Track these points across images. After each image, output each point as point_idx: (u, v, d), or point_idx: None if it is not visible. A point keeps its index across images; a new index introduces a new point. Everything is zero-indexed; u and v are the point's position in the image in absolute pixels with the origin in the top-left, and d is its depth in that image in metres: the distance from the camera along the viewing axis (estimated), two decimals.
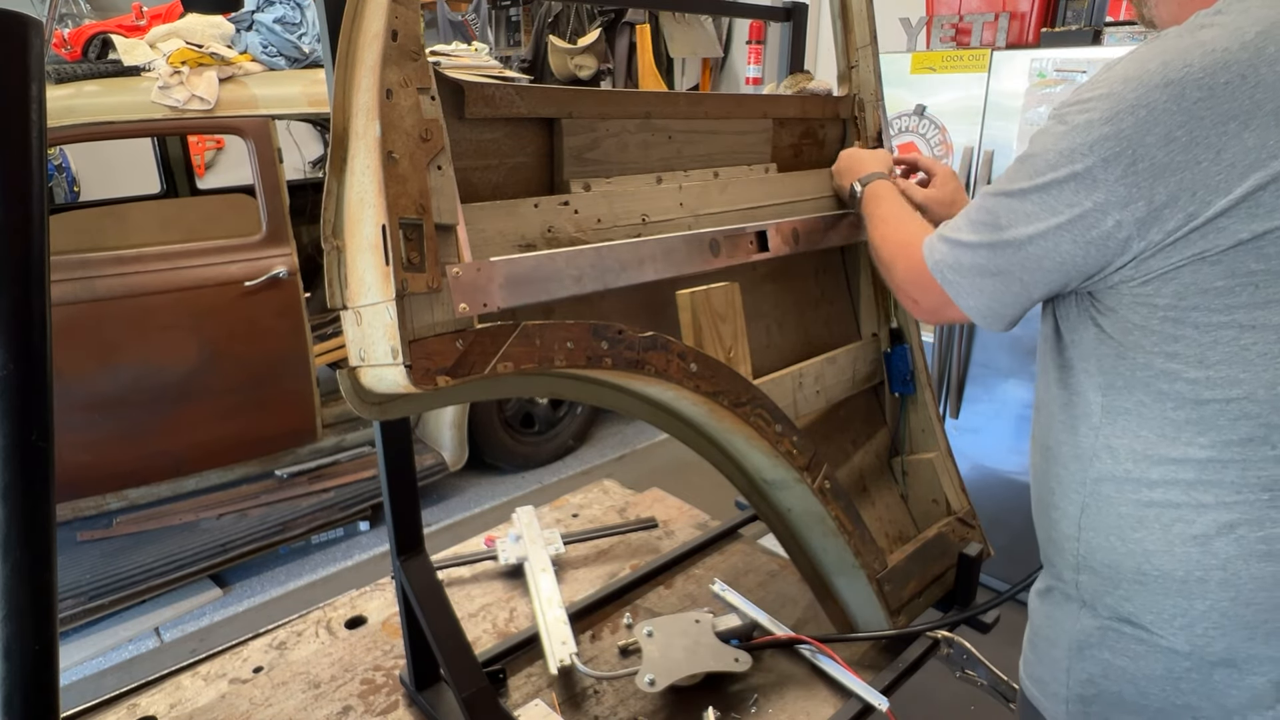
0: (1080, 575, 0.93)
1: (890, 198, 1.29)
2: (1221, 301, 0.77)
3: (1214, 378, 0.79)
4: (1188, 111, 0.73)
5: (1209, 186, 0.74)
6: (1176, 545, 0.83)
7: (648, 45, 5.39)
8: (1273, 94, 0.72)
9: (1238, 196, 0.73)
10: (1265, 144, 0.72)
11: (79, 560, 2.69)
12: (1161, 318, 0.80)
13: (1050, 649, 0.98)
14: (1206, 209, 0.74)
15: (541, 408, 3.87)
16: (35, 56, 0.73)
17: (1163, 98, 0.74)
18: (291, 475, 3.19)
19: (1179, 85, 0.73)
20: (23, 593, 0.74)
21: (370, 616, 1.60)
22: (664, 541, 1.85)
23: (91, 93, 2.55)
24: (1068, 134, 0.80)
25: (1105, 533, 0.89)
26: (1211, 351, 0.79)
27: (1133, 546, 0.86)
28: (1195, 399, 0.80)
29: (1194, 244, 0.76)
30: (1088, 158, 0.78)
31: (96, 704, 1.37)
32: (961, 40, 2.63)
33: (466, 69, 3.10)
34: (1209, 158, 0.73)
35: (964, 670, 1.40)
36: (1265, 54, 0.72)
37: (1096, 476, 0.89)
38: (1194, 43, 0.75)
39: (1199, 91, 0.73)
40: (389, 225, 0.83)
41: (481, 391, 1.03)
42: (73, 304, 2.51)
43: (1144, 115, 0.75)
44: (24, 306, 0.74)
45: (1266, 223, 0.73)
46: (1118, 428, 0.86)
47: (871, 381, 1.67)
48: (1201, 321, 0.78)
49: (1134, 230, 0.78)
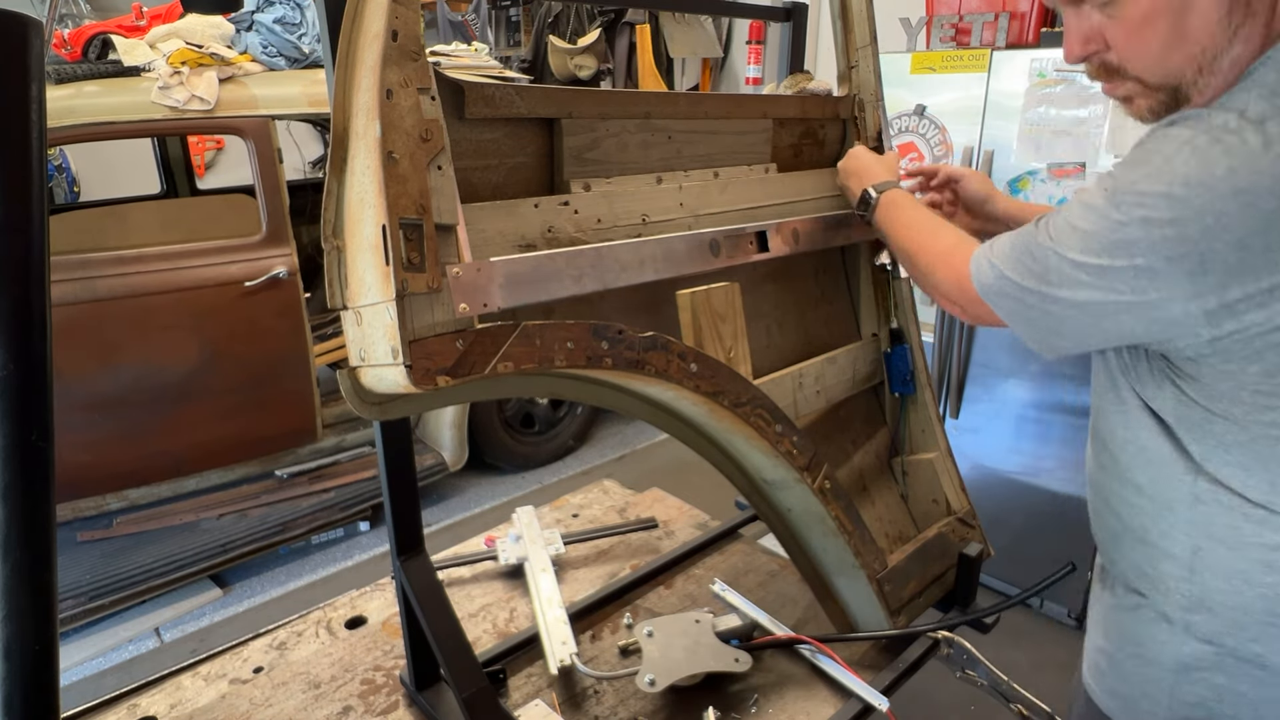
0: (1193, 615, 0.89)
1: (911, 205, 1.27)
2: None
3: None
4: (1264, 220, 0.70)
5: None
6: None
7: (648, 45, 5.39)
8: None
9: None
10: None
11: (79, 560, 2.69)
12: (1252, 390, 0.78)
13: (1143, 667, 0.94)
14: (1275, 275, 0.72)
15: (541, 408, 3.87)
16: (35, 56, 0.73)
17: (1234, 207, 0.71)
18: (291, 475, 3.19)
19: (1250, 194, 0.70)
20: (23, 593, 0.74)
21: (370, 616, 1.60)
22: (664, 541, 1.85)
23: (91, 93, 2.55)
24: (1124, 226, 0.76)
25: (1227, 576, 0.85)
26: None
27: (1264, 590, 0.83)
28: None
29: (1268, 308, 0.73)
30: (1150, 256, 0.75)
31: (96, 704, 1.37)
32: (961, 40, 2.63)
33: (466, 69, 3.10)
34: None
35: (964, 670, 1.40)
36: None
37: (1207, 520, 0.86)
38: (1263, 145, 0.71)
39: (1274, 201, 0.70)
40: (389, 225, 0.83)
41: (481, 391, 1.03)
42: (73, 304, 2.51)
43: (1212, 223, 0.72)
44: (24, 306, 0.74)
45: None
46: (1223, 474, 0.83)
47: (871, 381, 1.67)
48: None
49: (1203, 320, 0.75)
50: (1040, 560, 2.33)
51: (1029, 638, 2.55)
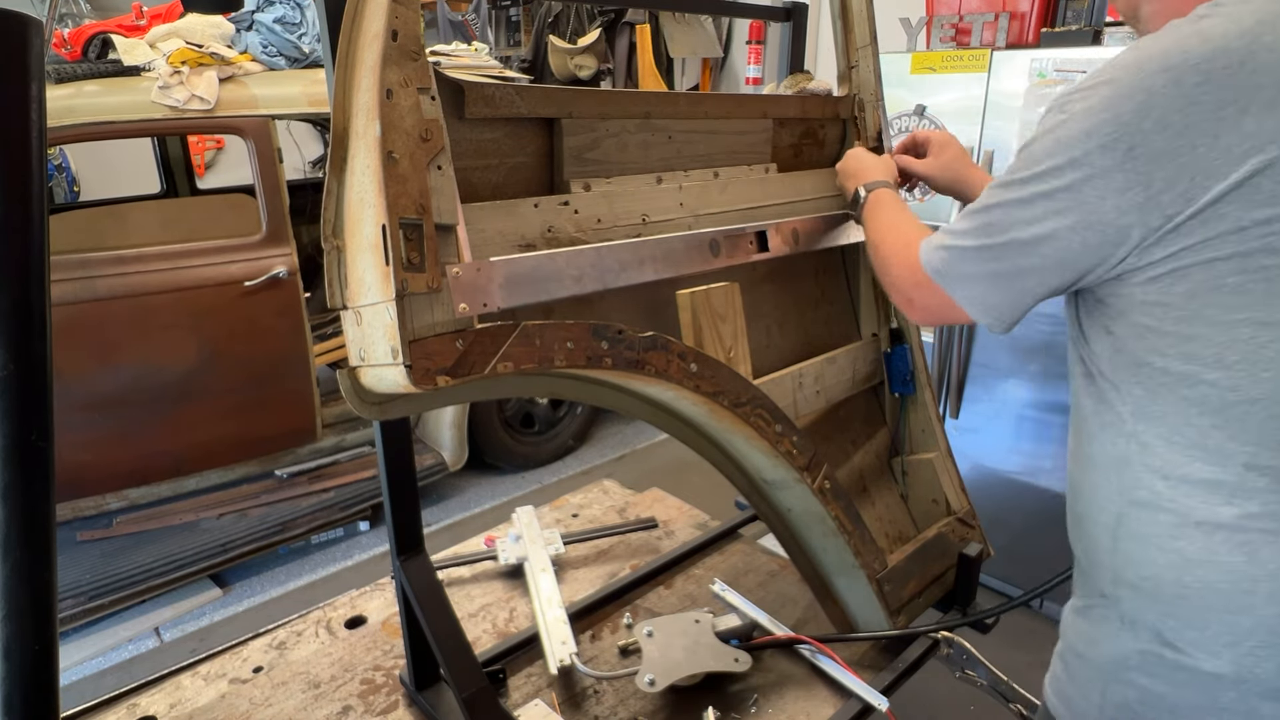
0: (1119, 590, 0.89)
1: (892, 204, 1.28)
2: (1235, 299, 0.75)
3: (1235, 379, 0.77)
4: (1185, 96, 0.73)
5: (1206, 171, 0.73)
6: (1220, 553, 0.79)
7: (648, 45, 5.39)
8: (1270, 79, 0.72)
9: (1235, 181, 0.72)
10: (1263, 129, 0.72)
11: (79, 560, 2.69)
12: (1175, 318, 0.79)
13: (1083, 668, 0.94)
14: (1204, 193, 0.74)
15: (541, 408, 3.87)
16: (35, 56, 0.73)
17: (1160, 83, 0.74)
18: (291, 475, 3.19)
19: (1177, 70, 0.73)
20: (23, 593, 0.74)
21: (370, 616, 1.60)
22: (664, 541, 1.85)
23: (91, 93, 2.55)
24: (1066, 122, 0.80)
25: (1143, 543, 0.85)
26: (1229, 351, 0.77)
27: (1173, 556, 0.82)
28: (1220, 402, 0.78)
29: (1195, 231, 0.75)
30: (1086, 143, 0.78)
31: (96, 704, 1.37)
32: (961, 40, 2.63)
33: (466, 69, 3.10)
34: (1206, 143, 0.73)
35: (964, 670, 1.40)
36: (1262, 41, 0.72)
37: (1132, 484, 0.86)
38: (1193, 31, 0.75)
39: (1196, 76, 0.73)
40: (389, 225, 0.83)
41: (481, 391, 1.03)
42: (73, 304, 2.51)
43: (1141, 100, 0.75)
44: (24, 306, 0.74)
45: (1267, 209, 0.72)
46: (1149, 435, 0.84)
47: (871, 381, 1.67)
48: (1216, 319, 0.76)
49: (1134, 217, 0.77)
50: (1040, 560, 2.32)
51: (1029, 638, 2.55)
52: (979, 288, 0.92)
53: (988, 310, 0.93)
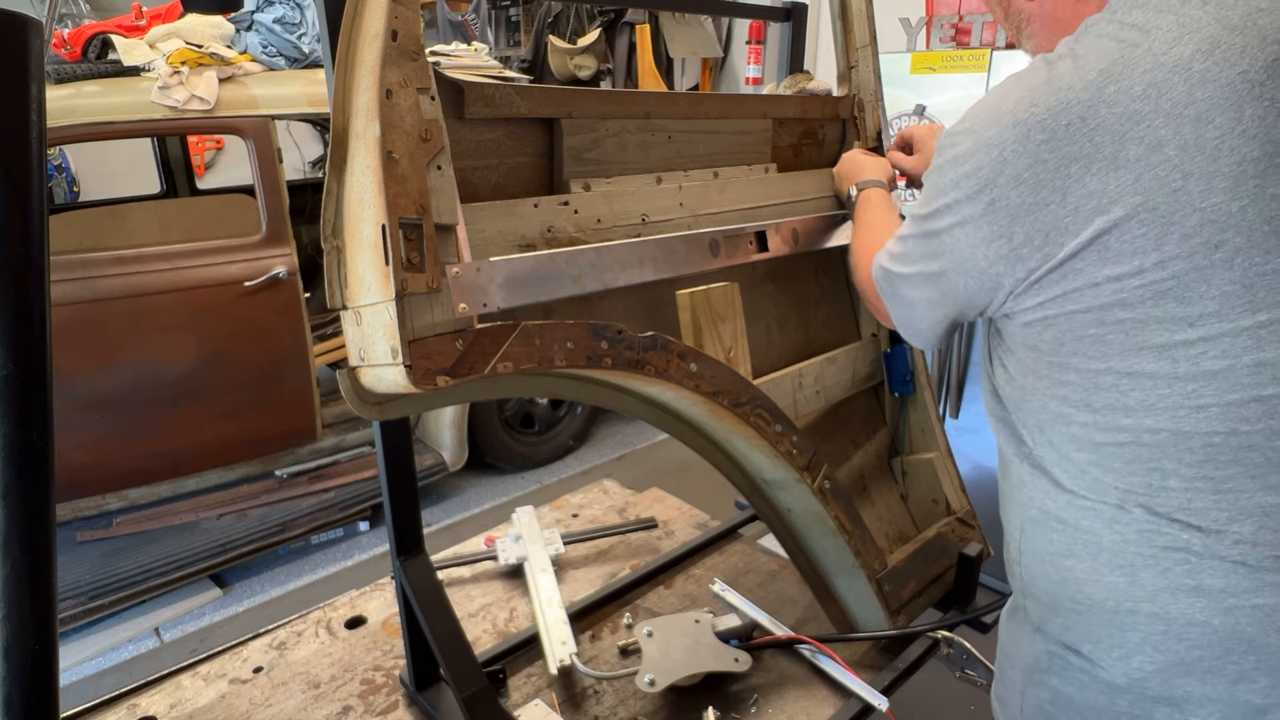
0: (1026, 600, 0.93)
1: (880, 206, 1.30)
2: (1097, 349, 0.77)
3: (1101, 422, 0.79)
4: (1033, 154, 0.74)
5: (1058, 229, 0.74)
6: (1105, 575, 0.82)
7: (648, 45, 5.39)
8: (1110, 137, 0.71)
9: (1085, 239, 0.73)
10: (1106, 188, 0.71)
11: (79, 560, 2.69)
12: (1048, 363, 0.81)
13: (1010, 669, 0.98)
14: (1059, 249, 0.75)
15: (541, 408, 3.87)
16: (35, 56, 0.73)
17: (1011, 138, 0.75)
18: (291, 475, 3.19)
19: (1025, 126, 0.74)
20: (23, 593, 0.74)
21: (370, 616, 1.60)
22: (664, 541, 1.85)
23: (91, 93, 2.55)
24: (942, 167, 0.82)
25: (1040, 559, 0.89)
26: (1095, 396, 0.79)
27: (1065, 574, 0.85)
28: (1090, 441, 0.80)
29: (1057, 284, 0.76)
30: (955, 191, 0.80)
31: (96, 704, 1.37)
32: (961, 40, 2.63)
33: (466, 69, 3.10)
34: (1055, 200, 0.73)
35: (964, 670, 1.40)
36: (1105, 94, 0.71)
37: (1028, 502, 0.89)
38: (1045, 79, 0.75)
39: (1042, 134, 0.73)
40: (389, 225, 0.83)
41: (481, 391, 1.03)
42: (73, 304, 2.51)
43: (996, 155, 0.76)
44: (24, 306, 0.74)
45: (1118, 266, 0.73)
46: (1037, 459, 0.87)
47: (871, 381, 1.67)
48: (1082, 367, 0.79)
49: (1002, 267, 0.79)
50: None
51: None
52: (899, 309, 0.97)
53: (907, 329, 0.98)
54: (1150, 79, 0.71)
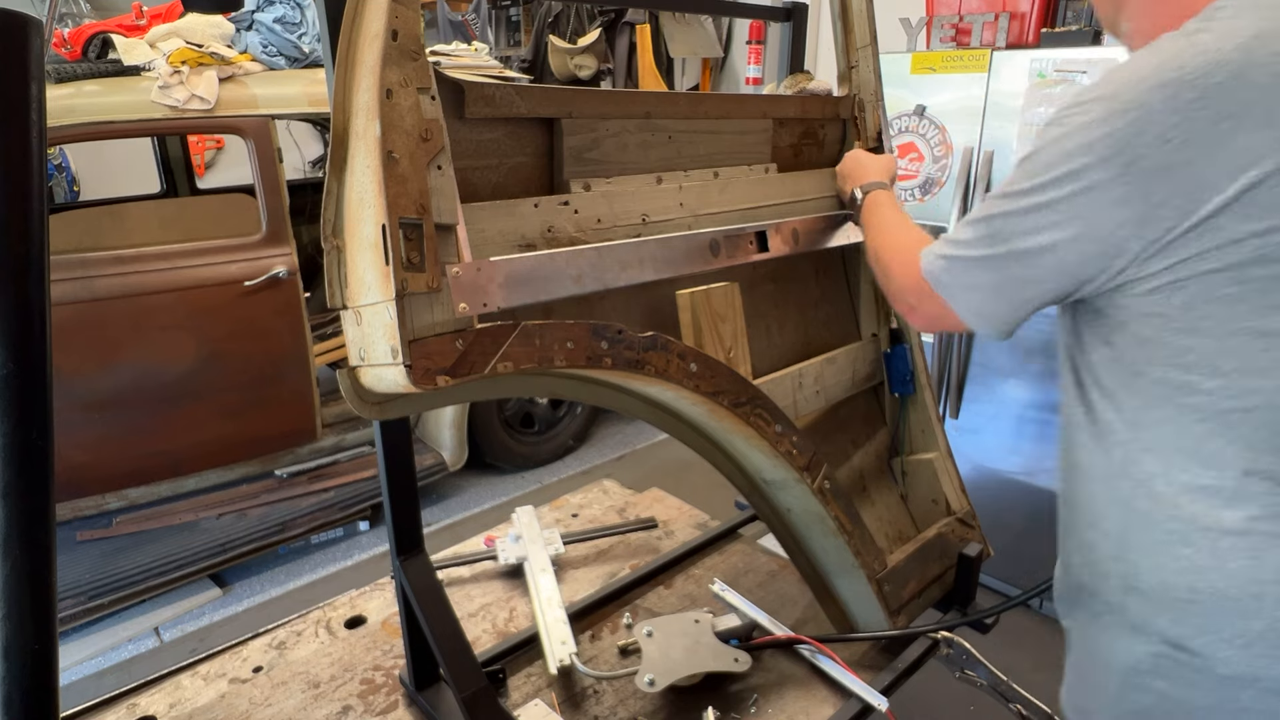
0: (1128, 598, 0.89)
1: (890, 205, 1.29)
2: (1230, 309, 0.76)
3: (1230, 386, 0.78)
4: (1181, 111, 0.74)
5: (1203, 184, 0.74)
6: (1228, 560, 0.79)
7: (648, 45, 5.38)
8: (1263, 96, 0.72)
9: (1231, 195, 0.73)
10: (1256, 144, 0.73)
11: (79, 560, 2.69)
12: (1173, 328, 0.80)
13: (1097, 676, 0.94)
14: (1202, 206, 0.74)
15: (541, 408, 3.87)
16: (35, 56, 0.73)
17: (1157, 98, 0.75)
18: (291, 475, 3.19)
19: (1174, 86, 0.74)
20: (23, 593, 0.74)
21: (370, 616, 1.60)
22: (664, 541, 1.85)
23: (91, 93, 2.55)
24: (1065, 136, 0.80)
25: (1151, 551, 0.85)
26: (1225, 360, 0.78)
27: (1183, 564, 0.82)
28: (1216, 409, 0.79)
29: (1192, 244, 0.76)
30: (1085, 157, 0.78)
31: (96, 704, 1.37)
32: (961, 40, 2.63)
33: (466, 69, 3.09)
34: (1203, 157, 0.74)
35: (964, 670, 1.40)
36: (1257, 57, 0.73)
37: (1133, 494, 0.86)
38: (1188, 44, 0.76)
39: (1192, 92, 0.74)
40: (389, 225, 0.83)
41: (481, 391, 1.03)
42: (73, 304, 2.51)
43: (1138, 115, 0.75)
44: (24, 306, 0.74)
45: (1262, 222, 0.73)
46: (1146, 443, 0.84)
47: (871, 382, 1.67)
48: (1212, 329, 0.78)
49: (1132, 230, 0.78)
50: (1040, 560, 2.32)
51: (1029, 638, 2.55)
52: (979, 297, 0.92)
53: (987, 320, 0.93)
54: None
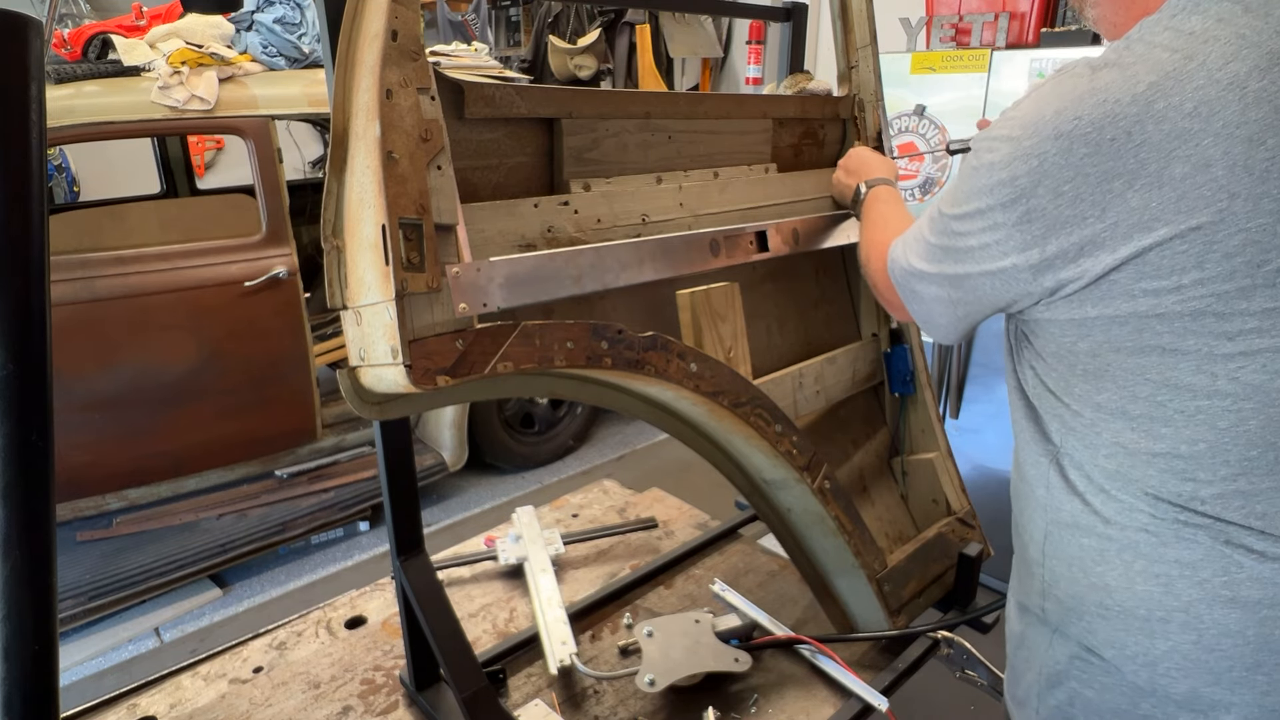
0: (1046, 601, 0.92)
1: (888, 201, 1.29)
2: (1134, 361, 0.76)
3: (1138, 430, 0.78)
4: (1075, 167, 0.72)
5: (1095, 243, 0.73)
6: (1138, 583, 0.80)
7: (648, 45, 5.38)
8: (1156, 154, 0.69)
9: (1124, 256, 0.72)
10: (1148, 206, 0.70)
11: (79, 560, 2.69)
12: (1083, 370, 0.80)
13: (1026, 672, 0.97)
14: (1097, 265, 0.73)
15: (541, 408, 3.87)
16: (35, 56, 0.73)
17: (1053, 150, 0.73)
18: (291, 475, 3.18)
19: (1068, 139, 0.72)
20: (23, 593, 0.74)
21: (370, 616, 1.60)
22: (664, 541, 1.85)
23: (91, 93, 2.55)
24: (977, 171, 0.80)
25: (1067, 563, 0.87)
26: (1133, 405, 0.78)
27: (1094, 580, 0.84)
28: (1125, 448, 0.79)
29: (1090, 296, 0.75)
30: (989, 198, 0.78)
31: (96, 704, 1.37)
32: (961, 40, 2.63)
33: (466, 69, 3.10)
34: (1094, 215, 0.72)
35: (964, 670, 1.40)
36: (1154, 110, 0.69)
37: (1055, 506, 0.88)
38: (1090, 89, 0.72)
39: (1086, 147, 0.71)
40: (389, 225, 0.83)
41: (481, 391, 1.03)
42: (73, 304, 2.51)
43: (1035, 165, 0.74)
44: (24, 306, 0.74)
45: (1157, 282, 0.71)
46: (1071, 459, 0.85)
47: (871, 382, 1.67)
48: (1118, 376, 0.78)
49: (1030, 275, 0.78)
50: None
51: None
52: (921, 305, 0.96)
53: (934, 328, 0.97)
54: (1202, 96, 0.68)
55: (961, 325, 0.93)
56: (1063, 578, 0.88)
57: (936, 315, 0.94)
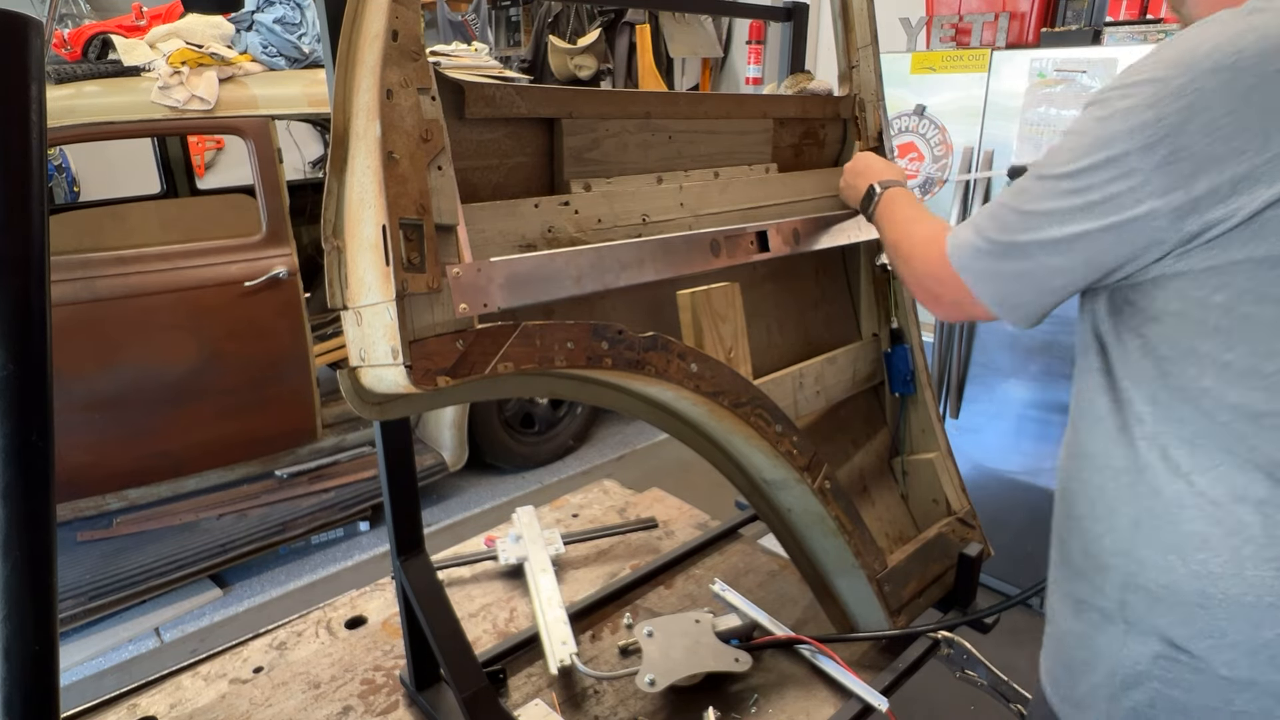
0: (1128, 594, 0.86)
1: (909, 202, 1.26)
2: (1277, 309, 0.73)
3: (1272, 390, 0.74)
4: (1237, 98, 0.69)
5: (1253, 178, 0.70)
6: (1247, 568, 0.77)
7: (648, 45, 5.39)
8: None
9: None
10: None
11: (79, 560, 2.69)
12: (1213, 326, 0.76)
13: (1089, 673, 0.92)
14: (1252, 202, 0.70)
15: (541, 408, 3.87)
16: (35, 56, 0.73)
17: (1211, 84, 0.70)
18: (291, 475, 3.19)
19: (1230, 70, 0.70)
20: (23, 593, 0.74)
21: (370, 616, 1.60)
22: (664, 541, 1.85)
23: (91, 93, 2.55)
24: (1108, 119, 0.76)
25: (1164, 551, 0.82)
26: (1267, 362, 0.74)
27: (1196, 568, 0.80)
28: (1250, 413, 0.75)
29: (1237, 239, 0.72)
30: (1126, 143, 0.74)
31: (96, 704, 1.36)
32: (961, 40, 2.63)
33: (466, 69, 3.10)
34: (1254, 147, 0.70)
35: (964, 670, 1.40)
36: None
37: (1153, 490, 0.83)
38: (1247, 27, 0.71)
39: (1250, 78, 0.69)
40: (389, 225, 0.83)
41: (481, 391, 1.03)
42: (73, 304, 2.51)
43: (1189, 101, 0.71)
44: (24, 306, 0.74)
45: None
46: (1172, 440, 0.81)
47: (872, 381, 1.67)
48: (1255, 330, 0.74)
49: (1169, 220, 0.74)
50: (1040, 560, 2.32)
51: (1029, 637, 2.55)
52: (1004, 285, 0.89)
53: (1012, 308, 0.90)
54: None
55: (1049, 300, 0.87)
56: (1155, 567, 0.83)
57: (1020, 293, 0.88)
